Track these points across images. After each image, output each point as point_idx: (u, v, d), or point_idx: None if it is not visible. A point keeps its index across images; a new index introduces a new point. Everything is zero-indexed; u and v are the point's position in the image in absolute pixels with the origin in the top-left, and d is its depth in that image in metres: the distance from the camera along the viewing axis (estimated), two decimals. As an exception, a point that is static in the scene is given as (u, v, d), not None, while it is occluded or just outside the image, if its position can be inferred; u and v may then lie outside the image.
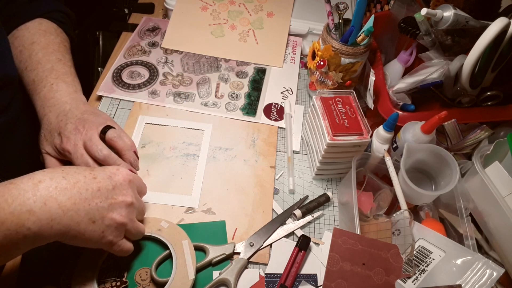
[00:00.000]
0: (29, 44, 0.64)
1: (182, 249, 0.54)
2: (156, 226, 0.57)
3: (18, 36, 0.64)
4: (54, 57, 0.64)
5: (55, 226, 0.42)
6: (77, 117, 0.58)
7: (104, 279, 0.53)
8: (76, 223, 0.43)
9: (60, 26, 0.70)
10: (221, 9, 0.90)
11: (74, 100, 0.61)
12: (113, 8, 0.97)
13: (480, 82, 0.63)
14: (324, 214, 0.65)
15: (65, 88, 0.61)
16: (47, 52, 0.64)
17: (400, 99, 0.71)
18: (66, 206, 0.42)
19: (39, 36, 0.65)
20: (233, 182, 0.66)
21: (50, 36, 0.66)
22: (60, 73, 0.63)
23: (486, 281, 0.52)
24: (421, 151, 0.62)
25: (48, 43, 0.65)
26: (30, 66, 0.62)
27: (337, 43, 0.68)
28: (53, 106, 0.59)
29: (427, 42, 0.68)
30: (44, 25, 0.67)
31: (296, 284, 0.56)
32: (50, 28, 0.67)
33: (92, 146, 0.57)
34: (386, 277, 0.48)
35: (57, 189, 0.43)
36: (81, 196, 0.44)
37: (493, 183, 0.56)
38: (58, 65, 0.63)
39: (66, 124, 0.57)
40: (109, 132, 0.58)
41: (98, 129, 0.58)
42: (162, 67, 0.81)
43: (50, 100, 0.60)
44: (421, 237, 0.58)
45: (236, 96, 0.79)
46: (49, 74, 0.62)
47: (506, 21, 0.55)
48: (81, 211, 0.44)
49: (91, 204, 0.45)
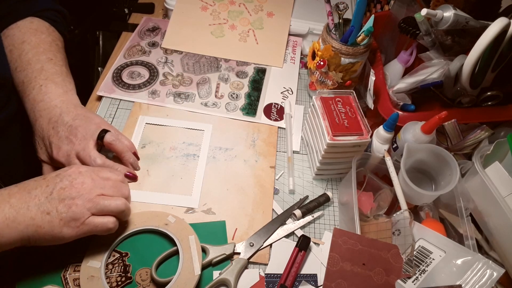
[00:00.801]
0: (19, 43, 0.62)
1: (188, 244, 0.54)
2: (163, 220, 0.57)
3: (9, 35, 0.63)
4: (45, 56, 0.62)
5: (11, 224, 0.45)
6: (68, 124, 0.57)
7: (109, 274, 0.53)
8: (30, 218, 0.46)
9: (52, 25, 0.68)
10: (221, 9, 0.90)
11: (64, 103, 0.59)
12: (113, 8, 0.97)
13: (480, 82, 0.63)
14: (324, 214, 0.64)
15: (54, 90, 0.60)
16: (37, 51, 0.62)
17: (400, 99, 0.71)
18: (17, 205, 0.46)
19: (30, 35, 0.63)
20: (233, 182, 0.66)
21: (41, 35, 0.64)
22: (50, 73, 0.61)
23: (486, 281, 0.52)
24: (421, 151, 0.62)
25: (38, 42, 0.63)
26: (20, 67, 0.61)
27: (337, 43, 0.68)
28: (43, 111, 0.58)
29: (427, 42, 0.68)
30: (36, 23, 0.65)
31: (296, 284, 0.56)
32: (42, 27, 0.65)
33: (86, 156, 0.56)
34: (386, 277, 0.48)
35: (9, 194, 0.47)
36: (30, 194, 0.48)
37: (493, 183, 0.56)
38: (49, 65, 0.62)
39: (57, 132, 0.57)
40: (106, 136, 0.58)
41: (93, 137, 0.57)
42: (162, 67, 0.81)
43: (39, 104, 0.58)
44: (421, 237, 0.58)
45: (236, 96, 0.79)
46: (38, 75, 0.60)
47: (506, 21, 0.55)
48: (31, 207, 0.47)
49: (41, 199, 0.48)
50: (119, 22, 0.93)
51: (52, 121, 0.57)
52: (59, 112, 0.58)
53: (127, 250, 0.55)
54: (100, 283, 0.51)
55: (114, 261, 0.54)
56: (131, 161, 0.62)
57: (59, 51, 0.66)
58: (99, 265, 0.52)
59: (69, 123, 0.57)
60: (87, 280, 0.51)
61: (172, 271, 0.52)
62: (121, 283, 0.52)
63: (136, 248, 0.56)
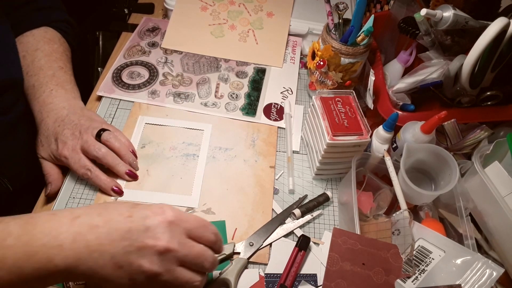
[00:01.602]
0: (33, 50, 0.65)
1: None
2: None
3: (23, 41, 0.66)
4: (56, 64, 0.66)
5: (81, 267, 0.37)
6: (74, 122, 0.60)
7: None
8: (101, 267, 0.38)
9: (63, 36, 0.72)
10: (221, 9, 0.91)
11: (72, 107, 0.62)
12: (113, 8, 0.97)
13: (480, 82, 0.63)
14: (324, 214, 0.65)
15: (64, 94, 0.63)
16: (49, 59, 0.66)
17: (399, 99, 0.71)
18: (93, 246, 0.38)
19: (43, 43, 0.67)
20: (233, 182, 0.66)
21: (54, 45, 0.68)
22: (61, 80, 0.65)
23: (485, 281, 0.52)
24: (421, 151, 0.62)
25: (51, 51, 0.67)
26: (32, 71, 0.64)
27: (337, 43, 0.68)
28: (51, 111, 0.61)
29: (426, 42, 0.68)
30: (49, 33, 0.69)
31: (296, 284, 0.56)
32: (55, 37, 0.69)
33: (90, 146, 0.58)
34: (385, 277, 0.48)
35: (89, 226, 0.39)
36: (109, 236, 0.38)
37: (492, 183, 0.56)
38: (60, 73, 0.65)
39: (63, 130, 0.59)
40: (104, 134, 0.60)
41: (93, 133, 0.59)
42: (162, 67, 0.81)
43: (48, 105, 0.61)
44: (421, 237, 0.58)
45: (236, 96, 0.79)
46: (50, 80, 0.63)
47: (506, 21, 0.55)
48: (105, 254, 0.38)
49: (118, 247, 0.38)
50: (119, 22, 0.93)
51: (58, 120, 0.60)
52: (66, 113, 0.61)
53: None
54: None
55: None
56: (130, 161, 0.63)
57: (68, 61, 0.70)
58: None
59: (75, 122, 0.60)
60: None
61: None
62: None
63: None
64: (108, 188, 0.60)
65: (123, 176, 0.62)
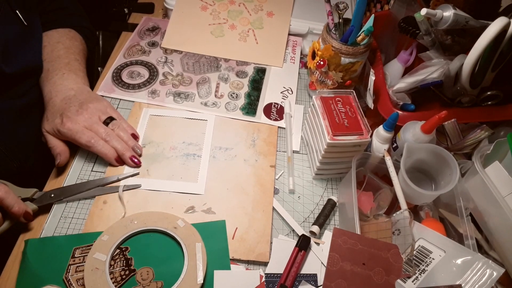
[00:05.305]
0: (55, 42, 0.71)
1: (194, 251, 0.54)
2: (173, 223, 0.57)
3: (47, 34, 0.72)
4: (73, 56, 0.71)
5: None
6: (80, 101, 0.64)
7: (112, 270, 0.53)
8: None
9: (85, 40, 0.78)
10: (221, 9, 0.90)
11: (80, 89, 0.67)
12: (113, 8, 0.97)
13: (480, 82, 0.63)
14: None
15: (75, 79, 0.68)
16: (68, 51, 0.71)
17: (400, 99, 0.71)
18: None
19: (65, 39, 0.73)
20: (233, 182, 0.66)
21: (75, 42, 0.74)
22: (74, 67, 0.70)
23: (486, 281, 0.52)
24: (421, 151, 0.62)
25: (71, 45, 0.73)
26: (49, 58, 0.69)
27: (337, 43, 0.68)
28: (60, 92, 0.65)
29: (427, 41, 0.68)
30: (73, 33, 0.76)
31: (296, 284, 0.56)
32: (77, 36, 0.76)
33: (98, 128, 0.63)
34: (386, 277, 0.48)
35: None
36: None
37: (493, 183, 0.56)
38: (75, 63, 0.71)
39: (69, 107, 0.63)
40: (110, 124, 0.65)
41: (101, 118, 0.64)
42: (162, 67, 0.81)
43: (58, 86, 0.66)
44: (421, 237, 0.58)
45: (236, 96, 0.79)
46: (64, 66, 0.69)
47: (506, 21, 0.55)
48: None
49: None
50: (119, 22, 0.93)
51: (66, 99, 0.65)
52: (74, 93, 0.66)
53: (130, 246, 0.55)
54: (103, 277, 0.51)
55: (115, 256, 0.54)
56: (132, 145, 0.66)
57: (84, 58, 0.76)
58: (105, 258, 0.52)
59: (81, 101, 0.64)
60: (91, 271, 0.51)
61: (173, 273, 0.52)
62: (125, 277, 0.52)
63: (141, 246, 0.56)
64: (112, 157, 0.63)
65: (127, 161, 0.64)
